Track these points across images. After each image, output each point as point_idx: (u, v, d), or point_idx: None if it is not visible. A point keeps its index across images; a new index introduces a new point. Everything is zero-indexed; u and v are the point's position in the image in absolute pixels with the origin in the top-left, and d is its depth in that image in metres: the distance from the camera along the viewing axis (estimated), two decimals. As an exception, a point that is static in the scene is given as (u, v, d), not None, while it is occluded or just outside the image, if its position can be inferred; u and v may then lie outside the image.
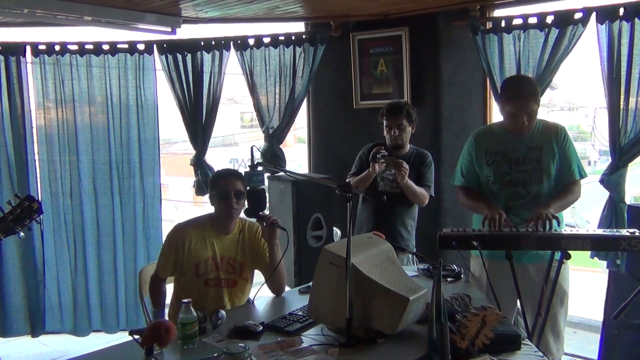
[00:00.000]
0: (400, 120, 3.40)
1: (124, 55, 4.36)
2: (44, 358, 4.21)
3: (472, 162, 3.00)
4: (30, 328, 4.49)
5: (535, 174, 2.86)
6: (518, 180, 2.88)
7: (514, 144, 2.89)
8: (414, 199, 3.41)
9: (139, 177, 4.47)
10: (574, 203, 2.96)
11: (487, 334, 1.82)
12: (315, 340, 2.12)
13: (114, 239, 4.49)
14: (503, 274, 2.69)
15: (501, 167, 2.90)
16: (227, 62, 4.42)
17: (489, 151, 2.94)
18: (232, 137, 16.75)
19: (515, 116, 2.79)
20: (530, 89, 2.81)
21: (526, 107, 2.76)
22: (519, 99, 2.77)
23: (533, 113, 2.80)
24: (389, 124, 3.42)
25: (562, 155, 2.87)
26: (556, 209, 2.74)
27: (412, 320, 2.12)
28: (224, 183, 2.72)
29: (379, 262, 2.19)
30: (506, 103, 2.83)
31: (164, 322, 1.64)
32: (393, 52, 4.36)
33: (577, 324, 4.84)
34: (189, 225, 2.80)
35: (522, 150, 2.87)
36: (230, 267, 2.76)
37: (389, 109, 3.44)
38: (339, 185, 2.27)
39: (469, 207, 3.09)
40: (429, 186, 3.44)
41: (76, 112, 4.40)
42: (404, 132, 3.42)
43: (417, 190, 3.35)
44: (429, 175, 3.46)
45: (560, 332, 2.90)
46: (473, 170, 3.01)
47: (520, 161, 2.87)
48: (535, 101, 2.79)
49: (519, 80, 3.04)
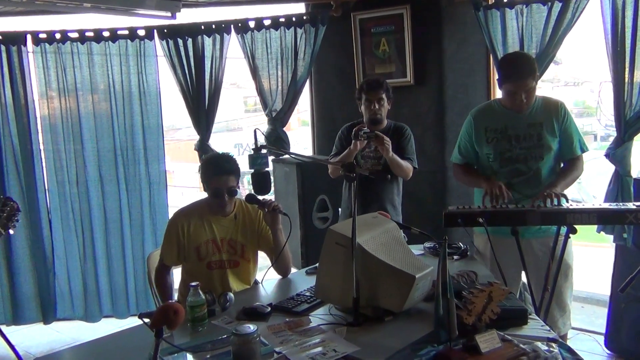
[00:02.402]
0: (380, 94, 3.39)
1: (125, 41, 4.35)
2: (57, 344, 4.26)
3: (470, 141, 3.00)
4: (42, 315, 4.55)
5: (536, 150, 2.86)
6: (519, 157, 2.88)
7: (513, 121, 2.88)
8: (400, 173, 3.40)
9: (143, 163, 4.48)
10: (578, 178, 2.96)
11: (493, 309, 1.83)
12: (323, 320, 2.13)
13: (121, 225, 4.51)
14: (507, 250, 2.70)
15: (501, 145, 2.89)
16: (229, 45, 4.39)
17: (488, 129, 2.93)
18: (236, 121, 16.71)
19: (514, 94, 2.79)
20: (528, 66, 2.78)
21: (524, 85, 2.75)
22: (517, 77, 2.76)
23: (531, 90, 2.79)
24: (369, 97, 3.40)
25: (562, 132, 2.87)
26: (562, 187, 2.75)
27: (419, 298, 2.14)
28: (217, 181, 2.67)
29: (385, 241, 2.20)
30: (504, 81, 2.81)
31: (172, 304, 1.65)
32: (395, 31, 4.32)
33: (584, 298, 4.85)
34: (187, 210, 2.80)
35: (522, 127, 2.86)
36: (232, 249, 2.77)
37: (369, 84, 3.43)
38: (343, 165, 2.28)
39: (465, 182, 3.12)
40: (412, 159, 3.44)
41: (79, 101, 4.40)
42: (383, 107, 3.41)
43: (402, 163, 3.35)
44: (409, 147, 3.45)
45: (565, 306, 2.91)
46: (471, 149, 3.01)
47: (520, 138, 2.87)
48: (533, 78, 2.77)
49: (515, 58, 3.01)
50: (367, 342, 1.94)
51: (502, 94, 2.90)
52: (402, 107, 4.30)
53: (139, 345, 1.95)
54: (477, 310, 1.81)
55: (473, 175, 3.02)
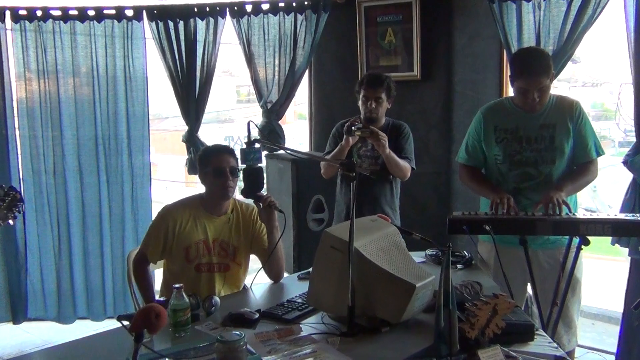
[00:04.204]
0: (380, 92, 3.38)
1: (111, 21, 4.34)
2: (27, 346, 4.26)
3: (479, 140, 3.01)
4: (12, 315, 4.54)
5: (548, 153, 2.86)
6: (529, 160, 2.88)
7: (525, 121, 2.88)
8: (397, 172, 3.38)
9: (127, 154, 4.48)
10: (590, 183, 2.96)
11: (498, 323, 1.83)
12: (315, 329, 2.14)
13: (101, 220, 4.51)
14: (512, 260, 2.72)
15: (511, 146, 2.90)
16: (223, 30, 4.39)
17: (498, 128, 2.93)
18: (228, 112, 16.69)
19: (526, 92, 2.78)
20: (542, 63, 2.77)
21: (537, 82, 2.75)
22: (530, 74, 2.75)
23: (545, 89, 2.78)
24: (367, 94, 3.39)
25: (577, 133, 2.87)
26: (569, 191, 2.76)
27: (419, 308, 2.14)
28: (218, 160, 2.72)
29: (384, 246, 2.21)
30: (516, 79, 2.81)
31: (154, 306, 1.66)
32: (402, 21, 4.33)
33: (595, 315, 4.88)
34: (178, 206, 2.81)
35: (534, 128, 2.87)
36: (223, 251, 2.78)
37: (369, 80, 3.42)
38: (342, 164, 2.28)
39: (471, 188, 3.12)
40: (410, 158, 3.44)
41: (59, 84, 4.39)
42: (381, 106, 3.40)
43: (400, 162, 3.34)
44: (407, 147, 3.46)
45: (572, 322, 2.92)
46: (479, 148, 3.02)
47: (531, 139, 2.87)
48: (548, 76, 2.76)
49: (529, 53, 3.00)
50: (361, 354, 1.95)
51: (514, 91, 2.90)
52: (406, 103, 4.31)
53: (116, 350, 1.95)
54: (480, 324, 1.82)
55: (480, 182, 3.02)
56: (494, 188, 2.87)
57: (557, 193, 2.67)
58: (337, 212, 3.64)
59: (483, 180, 3.02)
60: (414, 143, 3.54)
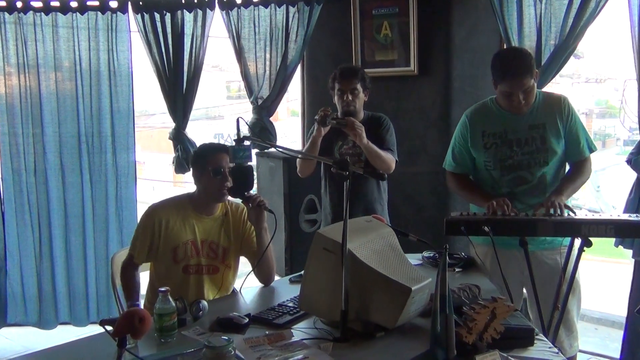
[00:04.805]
0: (355, 84, 3.39)
1: (95, 14, 4.33)
2: (7, 353, 4.24)
3: (466, 146, 3.00)
4: (-9, 320, 4.52)
5: (540, 155, 2.87)
6: (521, 164, 2.89)
7: (513, 123, 2.88)
8: (379, 164, 3.34)
9: (111, 152, 4.47)
10: (587, 181, 2.98)
11: (496, 327, 1.84)
12: (307, 334, 2.14)
13: (84, 221, 4.50)
14: (508, 262, 2.73)
15: (501, 151, 2.90)
16: (211, 23, 4.39)
17: (486, 133, 2.93)
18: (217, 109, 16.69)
19: (510, 95, 2.79)
20: (524, 64, 2.76)
21: (521, 84, 2.74)
22: (512, 76, 2.74)
23: (529, 89, 2.78)
24: (342, 87, 3.40)
25: (567, 131, 2.88)
26: (569, 194, 2.78)
27: (415, 312, 2.15)
28: (217, 159, 2.72)
29: (379, 248, 2.21)
30: (498, 82, 2.81)
31: (138, 310, 1.66)
32: (399, 14, 4.33)
33: (598, 319, 4.90)
34: (166, 205, 2.81)
35: (522, 130, 2.87)
36: (212, 252, 2.78)
37: (342, 72, 3.44)
38: (335, 162, 2.28)
39: (462, 197, 3.13)
40: (392, 150, 3.43)
41: (41, 79, 4.38)
42: (357, 97, 3.40)
43: (381, 152, 3.33)
44: (388, 138, 3.45)
45: (573, 325, 2.94)
46: (467, 154, 3.02)
47: (522, 142, 2.88)
48: (532, 76, 2.76)
49: (510, 55, 2.96)
50: (355, 360, 1.95)
51: (498, 95, 2.90)
52: (403, 100, 4.32)
53: (99, 356, 1.95)
54: (478, 328, 1.82)
55: (471, 190, 3.02)
56: (484, 194, 2.88)
57: (557, 197, 2.69)
58: (325, 215, 3.64)
59: (473, 188, 3.02)
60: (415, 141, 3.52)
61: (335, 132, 3.38)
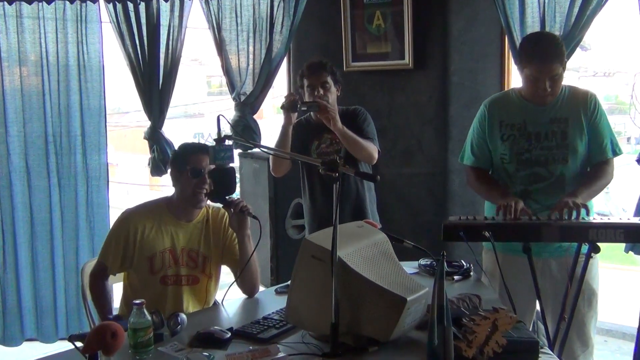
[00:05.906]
0: (324, 77, 3.40)
1: (63, 3, 4.32)
2: (-34, 373, 4.22)
3: (484, 138, 3.02)
4: (-50, 336, 4.49)
5: (559, 151, 2.88)
6: (539, 159, 2.90)
7: (534, 115, 2.90)
8: (360, 153, 3.35)
9: (81, 153, 4.45)
10: (606, 187, 2.99)
11: (498, 340, 1.85)
12: (294, 350, 2.13)
13: (51, 228, 4.48)
14: (520, 271, 2.72)
15: (518, 143, 2.92)
16: (190, 13, 4.38)
17: (503, 124, 2.95)
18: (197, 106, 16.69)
19: (536, 81, 2.80)
20: (555, 49, 2.80)
21: (549, 70, 2.77)
22: (541, 60, 2.77)
23: (557, 77, 2.81)
24: (312, 82, 3.40)
25: (591, 129, 2.89)
26: (585, 198, 2.75)
27: (410, 325, 2.15)
28: (198, 159, 2.71)
29: (372, 255, 2.21)
30: (525, 65, 2.82)
31: (110, 324, 1.65)
32: (392, 3, 4.34)
33: (608, 331, 4.93)
34: (141, 210, 2.81)
35: (544, 123, 2.89)
36: (192, 261, 2.78)
37: (309, 66, 3.44)
38: (323, 163, 2.28)
39: (480, 194, 3.12)
40: (372, 139, 3.43)
41: (4, 74, 4.37)
42: (329, 92, 3.40)
43: (360, 140, 3.32)
44: (367, 127, 3.45)
45: (589, 339, 2.94)
46: (486, 147, 3.03)
47: (541, 136, 2.89)
48: (561, 63, 2.79)
49: (541, 38, 3.03)
50: (346, 377, 1.95)
51: (522, 81, 2.92)
52: (397, 95, 4.33)
53: (68, 375, 1.94)
54: (478, 341, 1.83)
55: (490, 186, 3.01)
56: (503, 192, 2.88)
57: (572, 198, 2.68)
58: (308, 221, 3.62)
59: (493, 184, 3.01)
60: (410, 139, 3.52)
61: (307, 131, 3.42)
